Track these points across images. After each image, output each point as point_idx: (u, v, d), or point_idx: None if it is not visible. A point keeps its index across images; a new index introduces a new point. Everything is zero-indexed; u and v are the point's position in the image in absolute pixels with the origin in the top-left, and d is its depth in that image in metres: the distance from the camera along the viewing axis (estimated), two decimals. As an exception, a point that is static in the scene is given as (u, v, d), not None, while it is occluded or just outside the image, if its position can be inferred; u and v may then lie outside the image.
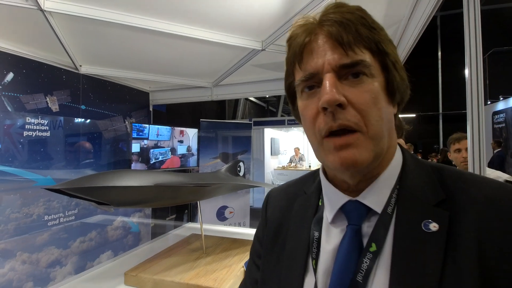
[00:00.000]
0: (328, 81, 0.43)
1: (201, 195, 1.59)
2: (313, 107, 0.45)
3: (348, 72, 0.43)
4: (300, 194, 0.59)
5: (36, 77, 2.42)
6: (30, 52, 2.35)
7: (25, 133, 2.31)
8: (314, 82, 0.45)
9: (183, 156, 3.85)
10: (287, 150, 9.74)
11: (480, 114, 1.13)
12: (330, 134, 0.43)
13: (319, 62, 0.44)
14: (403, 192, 0.46)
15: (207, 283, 1.27)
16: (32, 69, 2.39)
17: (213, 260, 1.53)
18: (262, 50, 2.31)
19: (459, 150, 2.13)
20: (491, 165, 5.92)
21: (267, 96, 10.20)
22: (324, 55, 0.44)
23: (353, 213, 0.48)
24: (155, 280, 1.33)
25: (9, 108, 2.21)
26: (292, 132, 9.87)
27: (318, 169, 0.57)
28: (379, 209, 0.46)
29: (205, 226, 2.26)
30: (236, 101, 9.64)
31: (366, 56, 0.44)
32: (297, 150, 8.79)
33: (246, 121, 7.70)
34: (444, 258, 0.39)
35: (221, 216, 3.94)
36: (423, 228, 0.42)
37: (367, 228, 0.46)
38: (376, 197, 0.46)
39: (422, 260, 0.40)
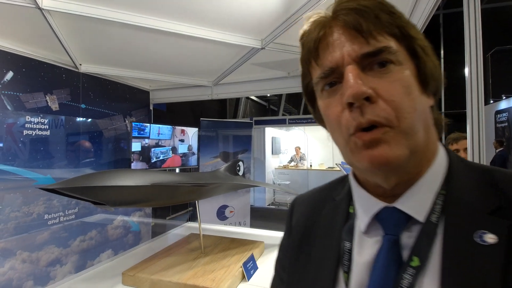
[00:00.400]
0: (351, 73, 0.38)
1: (199, 194, 1.58)
2: (336, 105, 0.41)
3: (373, 62, 0.39)
4: (329, 200, 0.54)
5: (35, 76, 2.42)
6: (29, 51, 2.35)
7: (25, 132, 2.32)
8: (334, 78, 0.41)
9: (184, 155, 3.86)
10: (288, 149, 9.73)
11: (480, 113, 1.12)
12: (358, 131, 0.39)
13: (337, 55, 0.40)
14: (450, 197, 0.40)
15: (204, 283, 1.26)
16: (32, 67, 2.39)
17: (211, 260, 1.52)
18: (262, 48, 2.30)
19: (457, 151, 2.11)
20: (493, 164, 5.89)
21: (268, 95, 10.17)
22: (343, 47, 0.40)
23: (390, 221, 0.42)
24: (153, 280, 1.33)
25: (8, 107, 2.22)
26: (293, 131, 9.85)
27: (348, 174, 0.53)
28: (421, 218, 0.40)
29: (204, 226, 2.26)
30: (237, 100, 9.63)
31: (390, 43, 0.39)
32: (297, 149, 8.78)
33: (246, 120, 7.69)
34: (504, 274, 0.34)
35: (221, 215, 3.93)
36: (477, 239, 0.36)
37: (407, 239, 0.40)
38: (418, 203, 0.41)
39: (479, 277, 0.34)
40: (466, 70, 1.19)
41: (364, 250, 0.44)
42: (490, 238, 0.36)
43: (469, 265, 0.35)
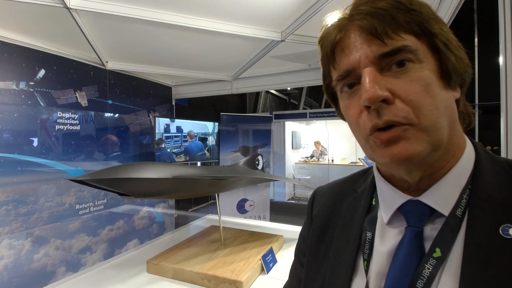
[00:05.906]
0: (367, 76, 0.39)
1: (219, 187, 1.61)
2: (355, 106, 0.42)
3: (391, 62, 0.39)
4: (350, 192, 0.56)
5: (65, 73, 2.55)
6: (60, 50, 2.48)
7: (57, 127, 2.45)
8: (352, 79, 0.42)
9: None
10: (308, 144, 9.61)
11: (516, 105, 1.04)
12: (374, 131, 0.40)
13: (354, 57, 0.40)
14: (476, 192, 0.40)
15: (224, 274, 1.29)
16: (62, 65, 2.52)
17: (231, 252, 1.55)
18: (282, 41, 2.27)
19: None
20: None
21: (289, 88, 10.07)
22: (360, 49, 0.40)
23: (413, 214, 0.43)
24: (175, 269, 1.37)
25: (41, 103, 2.35)
26: (314, 125, 9.70)
27: (370, 167, 0.54)
28: (446, 211, 0.40)
29: (224, 218, 2.29)
30: (257, 94, 9.62)
31: (408, 41, 0.39)
32: (317, 144, 8.65)
33: (266, 114, 7.68)
34: None
35: (241, 208, 3.98)
36: (501, 233, 0.36)
37: (431, 231, 0.41)
38: (443, 197, 0.41)
39: (500, 270, 0.35)
40: (501, 59, 1.11)
41: (386, 240, 0.45)
42: None
43: (492, 257, 0.36)
